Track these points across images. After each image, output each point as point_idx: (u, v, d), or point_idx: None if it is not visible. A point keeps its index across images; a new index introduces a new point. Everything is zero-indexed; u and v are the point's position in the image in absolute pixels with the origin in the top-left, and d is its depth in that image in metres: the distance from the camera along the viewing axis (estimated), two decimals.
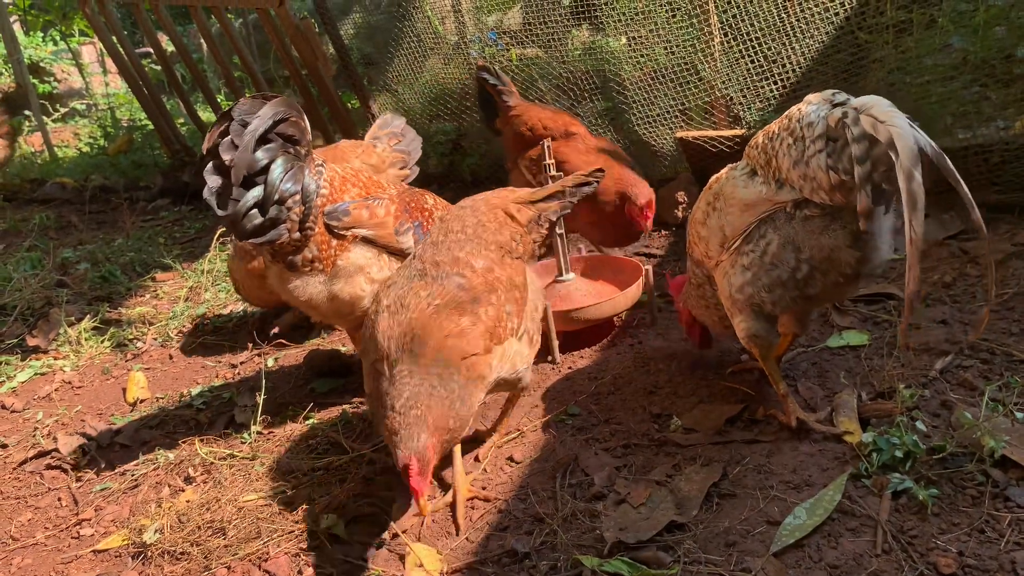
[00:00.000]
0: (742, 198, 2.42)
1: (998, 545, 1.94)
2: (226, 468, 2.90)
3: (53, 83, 13.86)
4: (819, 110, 2.17)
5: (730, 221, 2.47)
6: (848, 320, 3.19)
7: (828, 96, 2.19)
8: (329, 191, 2.84)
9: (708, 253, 2.61)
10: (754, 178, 2.40)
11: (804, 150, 2.18)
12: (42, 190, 8.33)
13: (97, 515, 2.80)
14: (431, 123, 6.15)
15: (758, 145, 2.39)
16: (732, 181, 2.48)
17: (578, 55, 5.19)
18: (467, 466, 2.67)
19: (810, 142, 2.16)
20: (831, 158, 2.12)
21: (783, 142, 2.25)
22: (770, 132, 2.35)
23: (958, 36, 3.82)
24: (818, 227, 2.27)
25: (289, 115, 2.71)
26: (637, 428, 2.73)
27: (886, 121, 1.98)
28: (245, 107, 2.63)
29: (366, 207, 2.90)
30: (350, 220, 2.85)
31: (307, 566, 2.31)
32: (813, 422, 2.51)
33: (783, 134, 2.27)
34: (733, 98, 4.43)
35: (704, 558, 2.07)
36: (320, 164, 2.88)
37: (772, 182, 2.33)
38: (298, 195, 2.72)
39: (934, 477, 2.19)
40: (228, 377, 3.75)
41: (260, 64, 9.87)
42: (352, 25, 6.76)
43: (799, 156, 2.19)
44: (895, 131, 1.95)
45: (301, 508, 2.57)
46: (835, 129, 2.10)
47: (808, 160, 2.17)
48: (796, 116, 2.23)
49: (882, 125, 1.98)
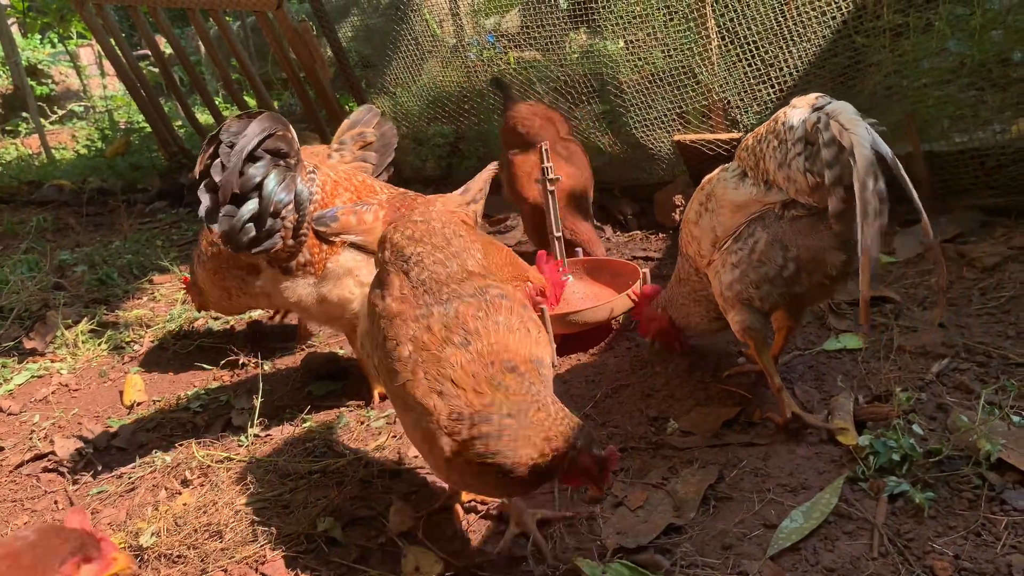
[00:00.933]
0: (733, 199, 2.47)
1: (994, 548, 1.94)
2: (223, 471, 2.90)
3: (51, 85, 13.87)
4: (801, 114, 2.24)
5: (721, 221, 2.53)
6: (845, 323, 3.19)
7: (811, 100, 2.27)
8: (321, 196, 2.91)
9: (701, 252, 2.67)
10: (745, 179, 2.46)
11: (787, 153, 2.25)
12: (39, 192, 8.31)
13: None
14: (429, 125, 6.15)
15: (748, 147, 2.45)
16: (723, 182, 2.53)
17: (576, 58, 5.20)
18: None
19: (791, 145, 2.24)
20: (808, 161, 2.20)
21: (769, 144, 2.32)
22: (758, 135, 2.40)
23: (955, 40, 3.83)
24: (805, 228, 2.34)
25: (275, 130, 2.78)
26: (634, 431, 2.73)
27: (849, 128, 2.05)
28: (233, 128, 2.72)
29: (354, 213, 2.93)
30: (338, 226, 2.90)
31: (304, 569, 2.30)
32: (808, 417, 2.52)
33: (769, 137, 2.34)
34: (730, 101, 4.44)
35: (701, 561, 2.07)
36: (312, 171, 2.92)
37: (761, 184, 2.39)
38: (291, 204, 2.81)
39: (930, 480, 2.19)
40: (225, 380, 3.75)
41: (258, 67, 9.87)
42: (350, 28, 6.77)
43: (783, 159, 2.27)
44: (854, 139, 2.02)
45: (298, 511, 2.56)
46: (811, 133, 2.18)
47: (790, 162, 2.25)
48: (781, 119, 2.29)
49: (845, 132, 2.05)
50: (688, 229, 2.73)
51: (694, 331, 3.07)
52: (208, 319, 4.53)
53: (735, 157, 2.57)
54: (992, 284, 3.26)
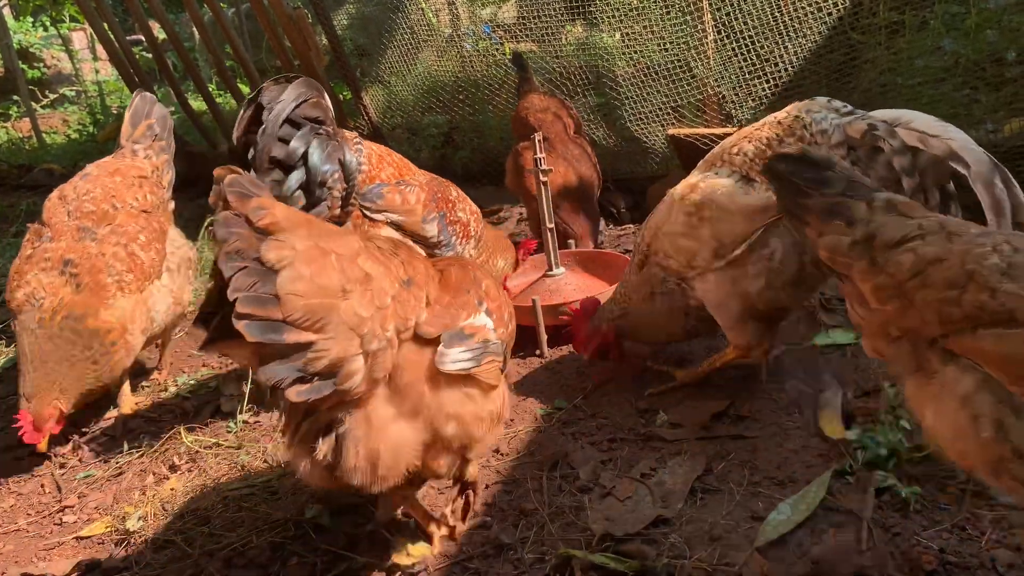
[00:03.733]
0: (747, 204, 2.45)
1: (979, 543, 1.95)
2: (211, 457, 2.89)
3: (43, 69, 13.75)
4: (829, 118, 2.25)
5: (730, 230, 2.49)
6: (835, 319, 3.20)
7: (825, 104, 2.26)
8: (368, 168, 2.89)
9: (693, 263, 2.62)
10: (754, 185, 2.42)
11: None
12: (30, 176, 8.26)
13: (80, 502, 2.78)
14: (423, 115, 6.14)
15: (746, 153, 2.44)
16: (726, 189, 2.49)
17: (572, 50, 5.19)
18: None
19: (827, 150, 2.24)
20: (859, 165, 2.19)
21: (789, 149, 2.30)
22: (763, 139, 2.39)
23: (950, 39, 3.85)
24: None
25: (310, 96, 2.70)
26: (623, 422, 2.74)
27: (939, 134, 2.08)
28: (272, 92, 2.63)
29: (399, 192, 2.92)
30: (383, 203, 2.89)
31: (291, 555, 2.30)
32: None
33: (789, 140, 2.33)
34: (726, 96, 4.44)
35: (688, 552, 2.07)
36: (358, 141, 2.92)
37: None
38: (338, 173, 2.75)
39: (917, 475, 2.20)
40: (214, 366, 3.73)
41: (252, 54, 9.81)
42: (346, 16, 6.74)
43: None
44: (954, 144, 2.05)
45: (286, 498, 2.56)
46: (861, 140, 2.18)
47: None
48: (799, 124, 2.27)
49: (932, 139, 2.08)
50: (672, 242, 2.65)
51: (655, 344, 3.07)
52: (197, 305, 4.50)
53: (722, 164, 2.55)
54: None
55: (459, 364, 1.85)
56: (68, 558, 2.47)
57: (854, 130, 2.18)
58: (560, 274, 3.62)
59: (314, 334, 1.61)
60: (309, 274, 1.61)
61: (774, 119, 2.42)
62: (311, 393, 1.64)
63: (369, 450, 1.75)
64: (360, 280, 1.71)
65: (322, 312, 1.62)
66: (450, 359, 1.84)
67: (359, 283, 1.70)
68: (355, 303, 1.68)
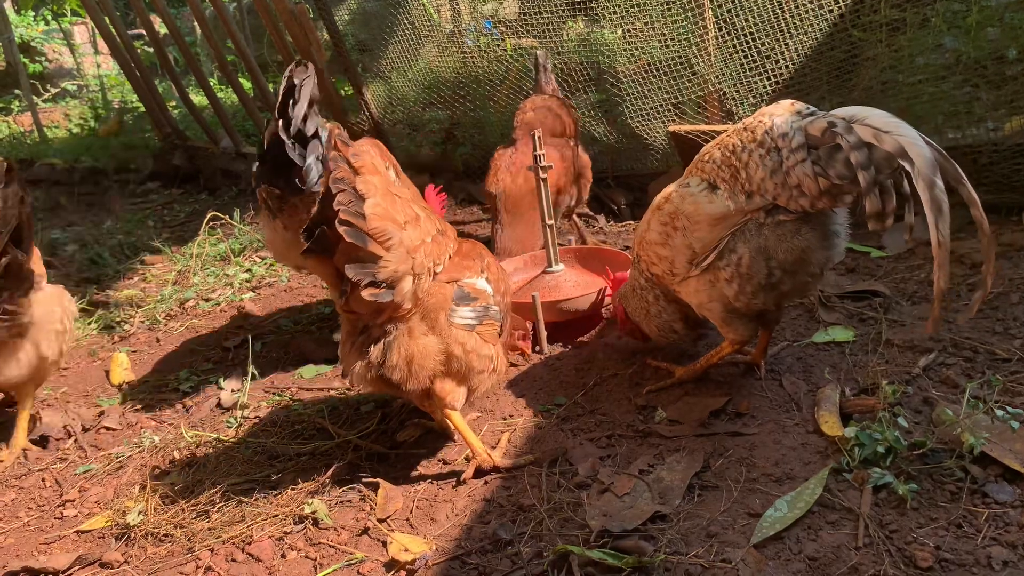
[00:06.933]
0: (710, 212, 2.48)
1: (975, 540, 1.96)
2: (211, 452, 2.90)
3: (44, 63, 13.75)
4: (788, 121, 2.28)
5: (699, 237, 2.53)
6: (834, 316, 3.21)
7: (790, 107, 2.32)
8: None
9: (673, 271, 2.67)
10: (716, 192, 2.46)
11: (782, 160, 2.28)
12: (31, 170, 8.26)
13: (81, 496, 2.79)
14: (424, 111, 6.13)
15: (715, 160, 2.46)
16: (692, 198, 2.53)
17: (573, 46, 5.19)
18: (454, 452, 2.68)
19: (788, 152, 2.26)
20: (819, 165, 2.22)
21: (752, 155, 2.34)
22: (728, 146, 2.41)
23: (951, 36, 3.84)
24: (790, 231, 2.38)
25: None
26: (622, 419, 2.74)
27: (891, 131, 2.07)
28: (304, 74, 3.20)
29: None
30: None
31: (291, 550, 2.31)
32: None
33: (750, 147, 2.35)
34: (726, 93, 4.44)
35: (685, 548, 2.08)
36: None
37: (740, 194, 2.40)
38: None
39: (914, 472, 2.21)
40: (215, 361, 3.75)
41: (254, 49, 9.82)
42: (347, 11, 6.73)
43: (776, 166, 2.29)
44: (904, 140, 2.05)
45: (286, 493, 2.57)
46: (822, 138, 2.19)
47: (789, 169, 2.27)
48: (762, 130, 2.32)
49: (885, 135, 2.07)
50: (653, 251, 2.71)
51: (661, 341, 3.11)
52: (198, 300, 4.52)
53: (693, 171, 2.59)
54: (980, 280, 3.26)
55: (465, 320, 2.42)
56: (69, 552, 2.48)
57: (815, 128, 2.20)
58: (559, 270, 3.63)
59: (384, 250, 2.17)
60: (384, 205, 2.16)
61: (741, 125, 2.44)
62: (378, 297, 2.20)
63: (408, 352, 2.34)
64: (414, 219, 2.28)
65: (391, 233, 2.17)
66: (458, 315, 2.40)
67: (413, 220, 2.27)
68: (411, 233, 2.24)
